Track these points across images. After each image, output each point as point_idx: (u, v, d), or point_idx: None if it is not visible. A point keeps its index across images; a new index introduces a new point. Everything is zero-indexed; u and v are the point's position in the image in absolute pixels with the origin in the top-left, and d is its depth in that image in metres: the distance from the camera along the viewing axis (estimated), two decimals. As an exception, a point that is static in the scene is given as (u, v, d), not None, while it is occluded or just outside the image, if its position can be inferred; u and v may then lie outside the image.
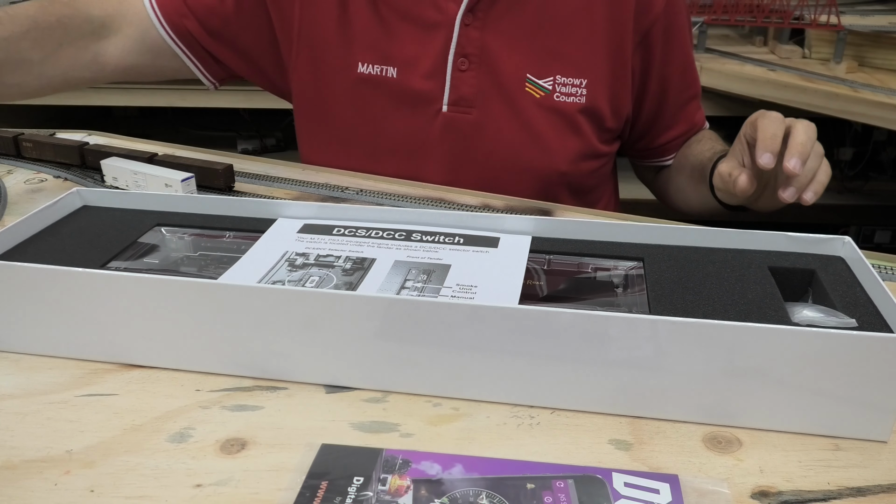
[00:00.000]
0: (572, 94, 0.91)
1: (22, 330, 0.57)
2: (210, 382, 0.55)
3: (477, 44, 0.89)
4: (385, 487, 0.44)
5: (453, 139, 0.93)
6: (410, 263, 0.60)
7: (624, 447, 0.49)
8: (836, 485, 0.46)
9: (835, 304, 0.54)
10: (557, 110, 0.91)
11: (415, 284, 0.57)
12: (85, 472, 0.47)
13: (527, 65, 0.90)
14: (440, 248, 0.63)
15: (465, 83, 0.91)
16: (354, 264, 0.60)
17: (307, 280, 0.58)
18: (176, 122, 2.55)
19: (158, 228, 0.66)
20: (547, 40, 0.90)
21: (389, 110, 0.93)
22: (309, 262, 0.61)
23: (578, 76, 0.90)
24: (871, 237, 2.01)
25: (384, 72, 0.91)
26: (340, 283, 0.57)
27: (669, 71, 0.95)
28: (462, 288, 0.57)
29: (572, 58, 0.90)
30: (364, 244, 0.63)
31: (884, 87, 1.51)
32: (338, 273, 0.59)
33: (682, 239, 0.62)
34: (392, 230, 0.65)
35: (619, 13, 0.89)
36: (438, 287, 0.57)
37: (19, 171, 0.97)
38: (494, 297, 0.55)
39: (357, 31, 0.91)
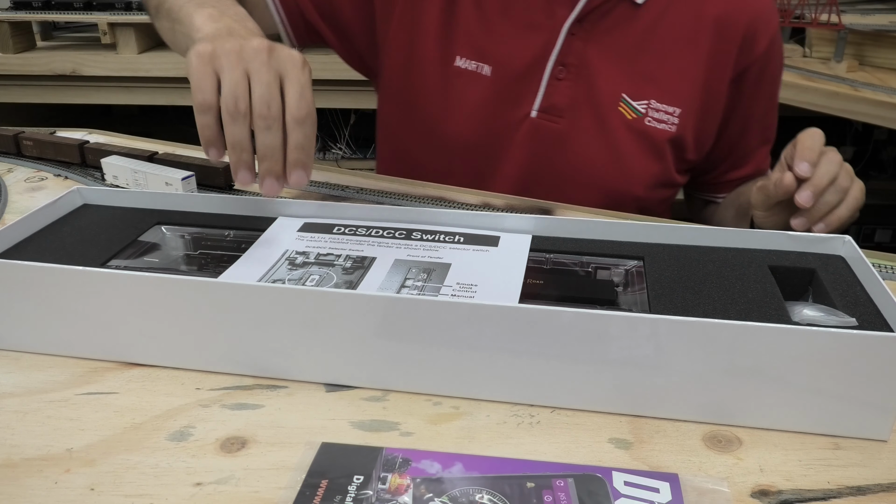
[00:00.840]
0: (664, 121, 0.90)
1: (22, 328, 0.57)
2: (210, 381, 0.55)
3: (578, 54, 0.88)
4: (385, 486, 0.44)
5: (536, 146, 0.92)
6: (410, 262, 0.60)
7: (624, 446, 0.49)
8: (836, 484, 0.46)
9: (835, 304, 0.54)
10: (646, 135, 0.90)
11: (415, 283, 0.57)
12: (85, 471, 0.47)
13: (624, 84, 0.90)
14: (440, 247, 0.63)
15: (559, 92, 0.90)
16: (355, 263, 0.60)
17: (307, 279, 0.58)
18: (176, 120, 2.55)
19: (159, 227, 0.66)
20: (648, 63, 0.89)
21: (478, 107, 0.92)
22: (309, 261, 0.60)
23: (673, 104, 0.90)
24: (872, 236, 2.01)
25: (479, 68, 0.91)
26: (340, 282, 0.57)
27: (752, 112, 0.94)
28: (462, 287, 0.57)
29: (670, 85, 0.89)
30: (364, 243, 0.63)
31: (884, 86, 1.51)
32: (338, 272, 0.59)
33: (682, 238, 0.62)
34: (392, 229, 0.65)
35: (723, 47, 0.89)
36: (438, 286, 0.57)
37: (20, 169, 0.97)
38: (494, 296, 0.55)
39: (459, 24, 0.90)
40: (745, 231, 0.62)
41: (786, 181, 0.71)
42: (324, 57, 1.88)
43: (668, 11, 0.89)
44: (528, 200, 0.89)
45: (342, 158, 2.24)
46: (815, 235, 0.61)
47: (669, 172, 0.94)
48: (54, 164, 0.98)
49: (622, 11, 0.88)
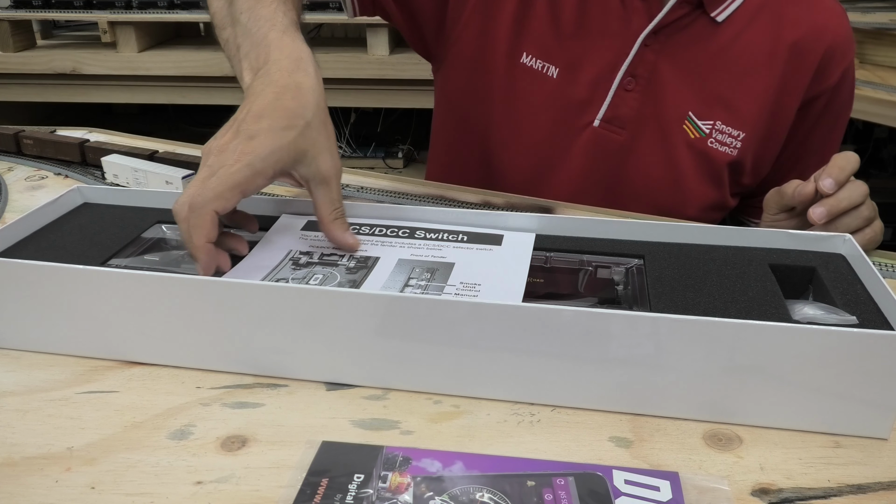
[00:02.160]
0: (726, 143, 0.88)
1: (23, 327, 0.57)
2: (211, 380, 0.55)
3: (650, 66, 0.87)
4: (385, 485, 0.44)
5: (594, 155, 0.91)
6: (414, 262, 0.60)
7: (624, 444, 0.49)
8: (837, 482, 0.46)
9: (835, 302, 0.54)
10: (707, 156, 0.89)
11: (418, 283, 0.57)
12: (86, 469, 0.47)
13: (692, 102, 0.88)
14: (444, 246, 0.63)
15: (625, 103, 0.88)
16: (358, 263, 0.60)
17: (311, 278, 0.58)
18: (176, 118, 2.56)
19: (159, 225, 0.66)
20: (719, 83, 0.87)
21: (540, 108, 0.91)
22: (313, 261, 0.60)
23: (738, 128, 0.88)
24: (872, 234, 2.00)
25: (545, 69, 0.89)
26: (344, 282, 0.57)
27: (810, 142, 0.93)
28: (465, 286, 0.56)
29: (738, 108, 0.88)
30: (367, 242, 0.63)
31: (885, 85, 1.51)
32: (341, 271, 0.59)
33: (682, 236, 0.62)
34: (396, 227, 0.65)
35: (797, 74, 0.87)
36: (442, 285, 0.57)
37: (20, 168, 0.97)
38: (497, 295, 0.55)
39: (532, 21, 0.89)
40: (746, 229, 0.62)
41: (806, 190, 0.70)
42: (325, 56, 1.88)
43: (746, 32, 0.87)
44: (528, 199, 0.88)
45: (343, 157, 2.24)
46: (815, 234, 0.61)
47: (724, 196, 0.92)
48: (55, 163, 0.98)
49: (700, 28, 0.86)
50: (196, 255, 0.56)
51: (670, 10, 0.84)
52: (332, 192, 0.61)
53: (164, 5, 2.02)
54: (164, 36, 2.15)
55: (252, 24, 0.66)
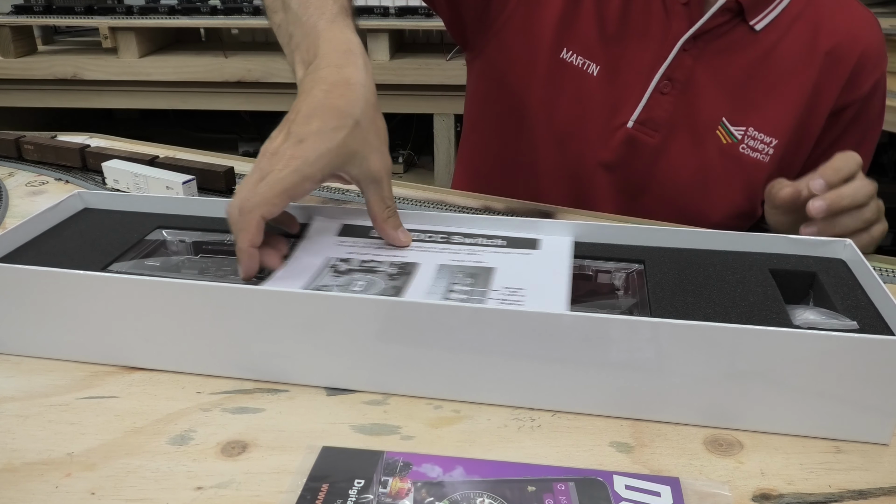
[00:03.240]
0: (758, 150, 0.88)
1: (23, 332, 0.57)
2: (211, 385, 0.55)
3: (687, 71, 0.87)
4: (386, 490, 0.44)
5: (626, 156, 0.91)
6: (454, 267, 0.60)
7: (625, 450, 0.49)
8: (838, 487, 0.46)
9: (836, 307, 0.54)
10: (739, 162, 0.89)
11: (462, 288, 0.56)
12: (86, 475, 0.47)
13: (726, 108, 0.88)
14: (482, 251, 0.62)
15: (660, 106, 0.88)
16: (399, 269, 0.59)
17: (353, 285, 0.57)
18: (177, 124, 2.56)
19: (160, 231, 0.66)
20: (754, 91, 0.88)
21: (577, 104, 0.91)
22: (353, 268, 0.60)
23: (771, 134, 0.88)
24: (873, 239, 2.01)
25: (586, 66, 0.89)
26: (387, 288, 0.56)
27: (836, 150, 0.92)
28: (510, 291, 0.56)
29: (772, 115, 0.88)
30: (405, 249, 0.63)
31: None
32: (383, 277, 0.58)
33: (683, 241, 0.62)
34: (431, 232, 0.65)
35: (830, 81, 0.87)
36: (485, 290, 0.56)
37: (20, 173, 0.98)
38: (543, 301, 0.54)
39: (578, 18, 0.89)
40: (746, 234, 0.62)
41: (790, 191, 0.70)
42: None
43: (783, 41, 0.87)
44: (529, 204, 0.89)
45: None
46: (815, 239, 0.61)
47: (754, 205, 0.92)
48: (55, 169, 0.98)
49: (739, 35, 0.87)
50: (239, 258, 0.57)
51: (711, 16, 0.85)
52: (383, 190, 0.60)
53: (164, 11, 2.03)
54: (165, 41, 2.16)
55: (302, 10, 0.65)
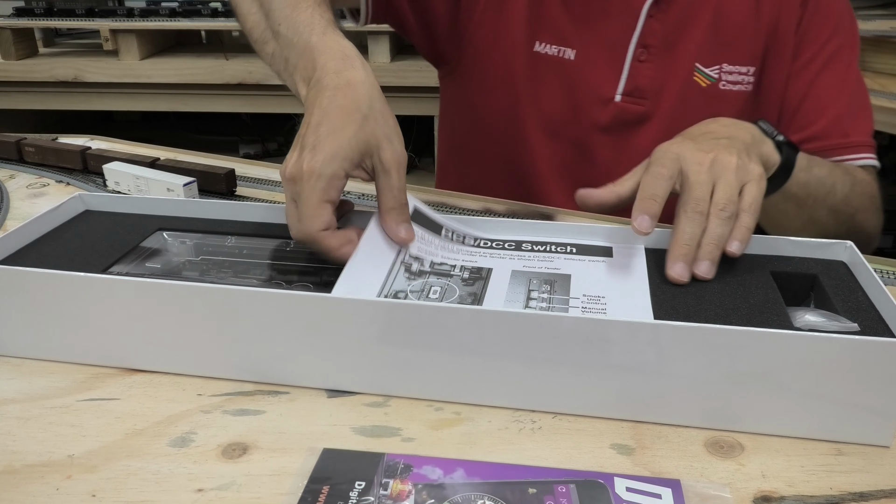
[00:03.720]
0: (738, 81, 0.91)
1: (24, 334, 0.57)
2: (212, 387, 0.55)
3: (659, 35, 0.90)
4: (387, 492, 0.44)
5: (621, 129, 0.92)
6: (529, 273, 0.59)
7: (626, 452, 0.49)
8: (839, 490, 0.46)
9: (837, 309, 0.54)
10: (723, 98, 0.91)
11: (540, 295, 0.56)
12: (86, 477, 0.47)
13: (696, 54, 0.91)
14: (554, 258, 0.62)
15: (641, 74, 0.90)
16: (472, 274, 0.59)
17: (429, 290, 0.57)
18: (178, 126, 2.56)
19: (160, 233, 0.66)
20: (722, 32, 0.90)
21: (561, 93, 0.93)
22: (425, 269, 0.59)
23: (745, 63, 0.90)
24: (874, 241, 2.01)
25: (562, 53, 0.91)
26: (465, 294, 0.56)
27: (815, 62, 0.92)
28: (590, 299, 0.55)
29: (740, 46, 0.90)
30: (475, 253, 0.62)
31: (885, 92, 1.51)
32: (458, 283, 0.58)
33: (683, 243, 0.62)
34: (500, 241, 0.65)
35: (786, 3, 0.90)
36: (566, 298, 0.56)
37: (21, 175, 0.98)
38: (626, 310, 0.54)
39: (544, 9, 0.91)
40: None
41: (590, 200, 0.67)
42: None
43: None
44: (529, 206, 0.89)
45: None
46: (817, 241, 0.61)
47: None
48: (56, 171, 0.99)
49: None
50: (333, 256, 0.58)
51: None
52: (391, 180, 0.60)
53: (165, 13, 2.03)
54: (166, 44, 2.16)
55: (292, 33, 0.66)
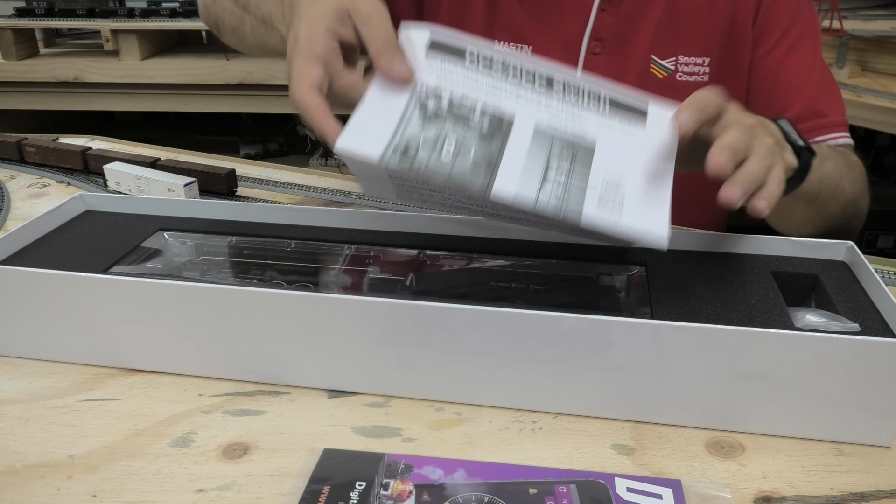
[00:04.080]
0: (695, 72, 0.91)
1: (24, 334, 0.57)
2: (212, 387, 0.55)
3: (612, 28, 0.90)
4: (387, 492, 0.44)
5: None
6: (552, 134, 0.55)
7: (626, 452, 0.49)
8: (840, 490, 0.46)
9: (838, 309, 0.54)
10: (680, 89, 0.90)
11: (557, 177, 0.52)
12: (87, 477, 0.47)
13: (651, 47, 0.91)
14: (584, 115, 0.57)
15: (596, 66, 0.91)
16: (492, 123, 0.54)
17: (443, 141, 0.53)
18: (178, 126, 2.56)
19: (161, 233, 0.66)
20: (676, 23, 0.90)
21: None
22: (442, 111, 0.54)
23: (701, 55, 0.90)
24: (875, 242, 2.01)
25: (519, 49, 0.92)
26: (479, 159, 0.52)
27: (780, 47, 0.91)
28: (609, 187, 0.52)
29: (696, 38, 0.90)
30: (501, 89, 0.57)
31: (886, 92, 1.51)
32: (475, 136, 0.54)
33: (684, 243, 0.62)
34: (531, 73, 0.59)
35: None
36: (584, 185, 0.52)
37: (22, 175, 0.98)
38: (643, 213, 0.51)
39: (500, 6, 0.92)
40: (748, 237, 0.62)
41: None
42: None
43: None
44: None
45: (344, 165, 2.23)
46: (817, 241, 0.61)
47: None
48: (57, 171, 0.99)
49: None
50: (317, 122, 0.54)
51: None
52: (372, 25, 0.58)
53: (166, 14, 2.03)
54: (167, 44, 2.16)
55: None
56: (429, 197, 0.58)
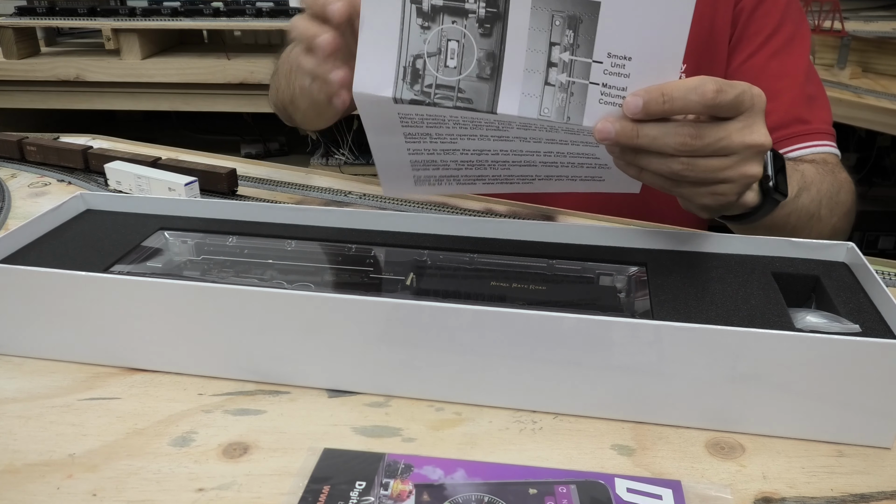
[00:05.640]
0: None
1: (25, 333, 0.57)
2: (213, 386, 0.55)
3: None
4: (387, 492, 0.44)
5: None
6: (551, 1, 0.51)
7: (627, 452, 0.49)
8: (840, 491, 0.46)
9: (838, 310, 0.54)
10: None
11: (561, 56, 0.50)
12: (87, 476, 0.47)
13: None
14: None
15: None
16: (488, 7, 0.51)
17: (444, 46, 0.51)
18: (180, 126, 2.56)
19: (162, 232, 0.66)
20: None
21: None
22: (437, 3, 0.52)
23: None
24: (875, 243, 2.01)
25: None
26: (483, 57, 0.51)
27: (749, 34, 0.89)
28: (615, 63, 0.50)
29: None
30: None
31: (887, 93, 1.51)
32: (474, 30, 0.51)
33: (685, 244, 0.62)
34: None
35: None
36: (588, 62, 0.50)
37: (23, 174, 0.98)
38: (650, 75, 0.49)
39: None
40: (748, 237, 0.62)
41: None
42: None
43: None
44: (531, 206, 0.89)
45: (345, 164, 2.24)
46: (818, 242, 0.61)
47: None
48: (58, 170, 0.99)
49: None
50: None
51: None
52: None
53: (167, 13, 2.03)
54: (168, 43, 2.16)
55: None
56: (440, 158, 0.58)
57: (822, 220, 0.77)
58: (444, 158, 0.60)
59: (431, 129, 0.57)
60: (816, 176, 0.77)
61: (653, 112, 0.51)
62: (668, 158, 0.53)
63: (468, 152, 0.60)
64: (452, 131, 0.57)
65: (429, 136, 0.58)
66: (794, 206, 0.72)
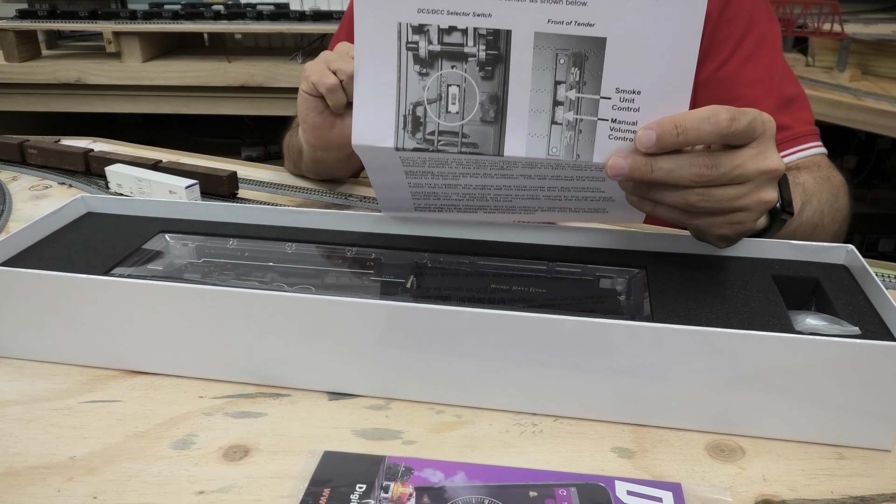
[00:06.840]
0: None
1: (25, 336, 0.57)
2: (213, 389, 0.55)
3: None
4: (387, 495, 0.44)
5: None
6: (555, 38, 0.49)
7: (627, 455, 0.49)
8: (840, 494, 0.46)
9: (838, 313, 0.54)
10: None
11: (567, 94, 0.50)
12: (88, 479, 0.47)
13: None
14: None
15: None
16: (488, 51, 0.50)
17: (446, 96, 0.50)
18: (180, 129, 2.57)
19: (162, 235, 0.66)
20: None
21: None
22: (435, 49, 0.50)
23: None
24: (875, 245, 2.01)
25: None
26: (486, 100, 0.49)
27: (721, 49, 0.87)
28: (623, 97, 0.49)
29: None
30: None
31: (887, 96, 1.51)
32: (474, 74, 0.50)
33: (685, 247, 0.62)
34: None
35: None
36: (596, 98, 0.50)
37: (24, 177, 0.98)
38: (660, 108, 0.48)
39: None
40: (749, 240, 0.62)
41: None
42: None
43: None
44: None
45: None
46: (817, 245, 0.61)
47: None
48: (59, 173, 0.99)
49: None
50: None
51: None
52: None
53: (168, 16, 2.03)
54: (169, 46, 2.16)
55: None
56: (443, 192, 0.58)
57: (825, 229, 0.77)
58: (445, 192, 0.60)
59: (434, 168, 0.57)
60: (815, 186, 0.77)
61: (667, 145, 0.51)
62: (684, 190, 0.52)
63: (470, 187, 0.59)
64: (455, 170, 0.56)
65: (431, 174, 0.57)
66: (799, 222, 0.72)
